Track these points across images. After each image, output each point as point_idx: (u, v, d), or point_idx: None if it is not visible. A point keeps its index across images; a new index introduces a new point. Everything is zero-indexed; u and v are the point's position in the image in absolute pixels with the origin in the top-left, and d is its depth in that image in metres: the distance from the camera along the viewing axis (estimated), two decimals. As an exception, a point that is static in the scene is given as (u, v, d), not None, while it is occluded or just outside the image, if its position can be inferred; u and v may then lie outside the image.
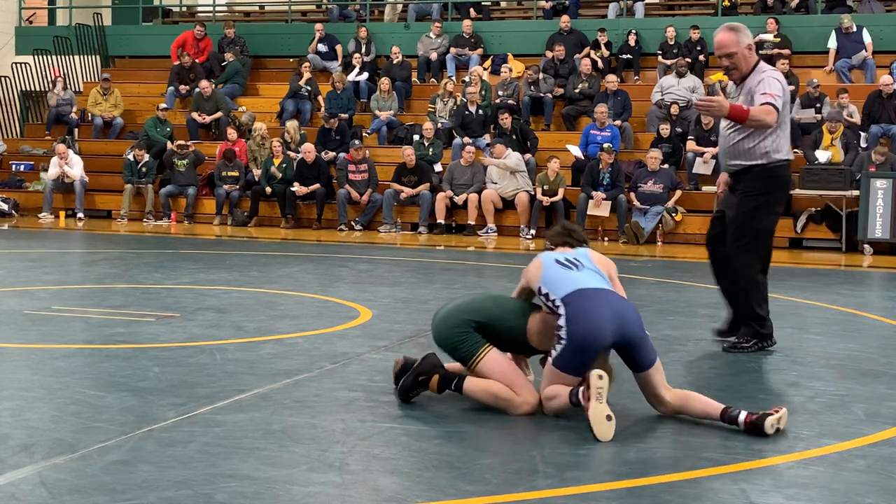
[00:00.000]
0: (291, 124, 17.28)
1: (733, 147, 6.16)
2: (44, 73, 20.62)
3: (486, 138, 16.69)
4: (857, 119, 15.61)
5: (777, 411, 4.40)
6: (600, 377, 4.30)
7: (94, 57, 21.49)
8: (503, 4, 22.25)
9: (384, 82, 17.95)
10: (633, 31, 18.41)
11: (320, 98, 18.42)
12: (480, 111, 16.95)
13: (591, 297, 4.54)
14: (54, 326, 6.83)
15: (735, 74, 6.09)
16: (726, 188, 6.46)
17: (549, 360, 4.60)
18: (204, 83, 18.38)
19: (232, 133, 17.13)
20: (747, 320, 6.31)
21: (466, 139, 16.50)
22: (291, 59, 19.68)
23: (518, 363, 4.91)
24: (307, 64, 18.66)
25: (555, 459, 4.00)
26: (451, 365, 4.92)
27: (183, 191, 16.93)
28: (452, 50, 19.05)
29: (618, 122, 16.50)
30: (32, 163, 18.63)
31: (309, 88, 18.49)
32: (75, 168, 17.02)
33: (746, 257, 6.19)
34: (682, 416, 4.66)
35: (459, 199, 15.60)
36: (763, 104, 5.86)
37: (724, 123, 6.23)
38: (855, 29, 17.21)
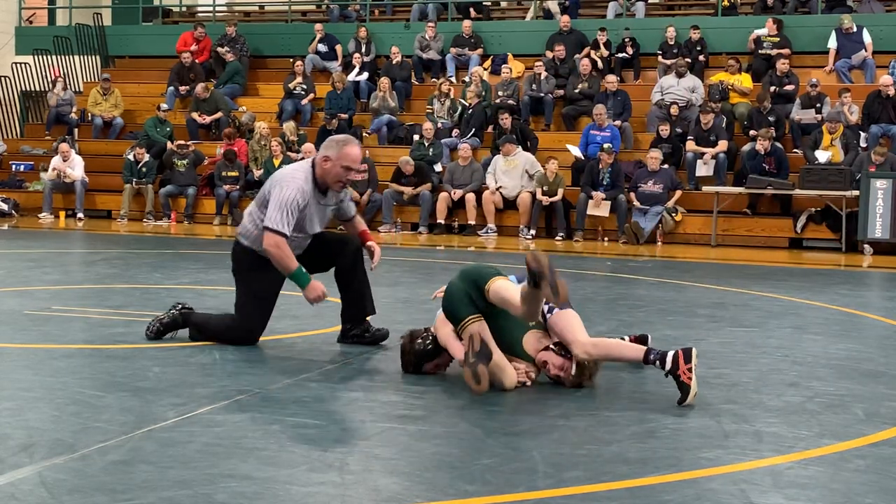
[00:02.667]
0: (288, 126, 17.28)
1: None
2: (44, 73, 20.62)
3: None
4: (857, 118, 15.60)
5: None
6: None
7: (94, 57, 21.49)
8: (504, 4, 22.24)
9: (384, 82, 17.95)
10: (627, 37, 18.32)
11: (313, 95, 18.48)
12: (471, 111, 17.01)
13: None
14: (54, 326, 6.83)
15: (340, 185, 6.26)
16: None
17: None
18: (199, 88, 18.36)
19: (232, 133, 17.13)
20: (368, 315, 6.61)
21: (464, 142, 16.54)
22: (292, 60, 19.71)
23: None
24: (299, 64, 18.65)
25: (555, 459, 4.00)
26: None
27: (183, 191, 16.94)
28: (452, 50, 19.05)
29: (618, 123, 16.50)
30: (32, 163, 18.64)
31: (305, 87, 18.50)
32: (77, 168, 17.02)
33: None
34: (682, 415, 4.67)
35: (456, 195, 15.61)
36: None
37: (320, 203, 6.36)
38: (855, 29, 17.20)
